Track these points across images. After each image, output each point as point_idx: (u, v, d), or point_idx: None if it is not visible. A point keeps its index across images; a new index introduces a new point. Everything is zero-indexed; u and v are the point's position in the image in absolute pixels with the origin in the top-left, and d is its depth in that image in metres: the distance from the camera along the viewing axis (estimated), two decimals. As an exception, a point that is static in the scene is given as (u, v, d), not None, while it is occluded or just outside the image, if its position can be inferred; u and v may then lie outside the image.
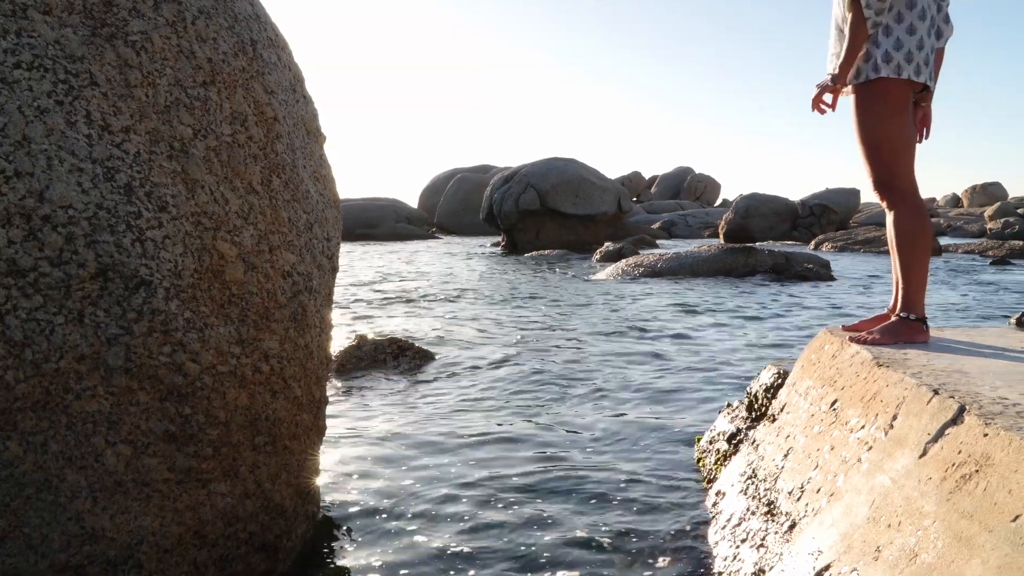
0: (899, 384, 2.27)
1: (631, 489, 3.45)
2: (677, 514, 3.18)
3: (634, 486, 3.49)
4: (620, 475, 3.64)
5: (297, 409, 2.62)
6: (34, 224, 1.97)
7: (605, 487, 3.47)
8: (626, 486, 3.49)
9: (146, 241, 2.12)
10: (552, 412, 4.80)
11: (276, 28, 2.87)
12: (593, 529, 3.02)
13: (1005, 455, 1.64)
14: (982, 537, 1.56)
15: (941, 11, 3.21)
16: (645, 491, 3.43)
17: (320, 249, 2.82)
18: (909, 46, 3.10)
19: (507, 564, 2.75)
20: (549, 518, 3.13)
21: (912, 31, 3.10)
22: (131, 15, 2.23)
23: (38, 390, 2.00)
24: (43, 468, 2.03)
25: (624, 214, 25.31)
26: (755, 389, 3.73)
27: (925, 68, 3.13)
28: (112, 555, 2.15)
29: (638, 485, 3.50)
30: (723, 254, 14.45)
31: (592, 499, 3.33)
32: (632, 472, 3.69)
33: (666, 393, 5.27)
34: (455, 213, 38.11)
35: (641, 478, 3.60)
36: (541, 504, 3.27)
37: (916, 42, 3.10)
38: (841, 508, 2.15)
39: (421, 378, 5.81)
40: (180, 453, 2.23)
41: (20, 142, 1.97)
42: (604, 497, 3.35)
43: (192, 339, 2.21)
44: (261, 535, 2.53)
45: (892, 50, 3.09)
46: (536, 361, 6.47)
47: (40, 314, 1.98)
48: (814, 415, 2.77)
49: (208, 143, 2.34)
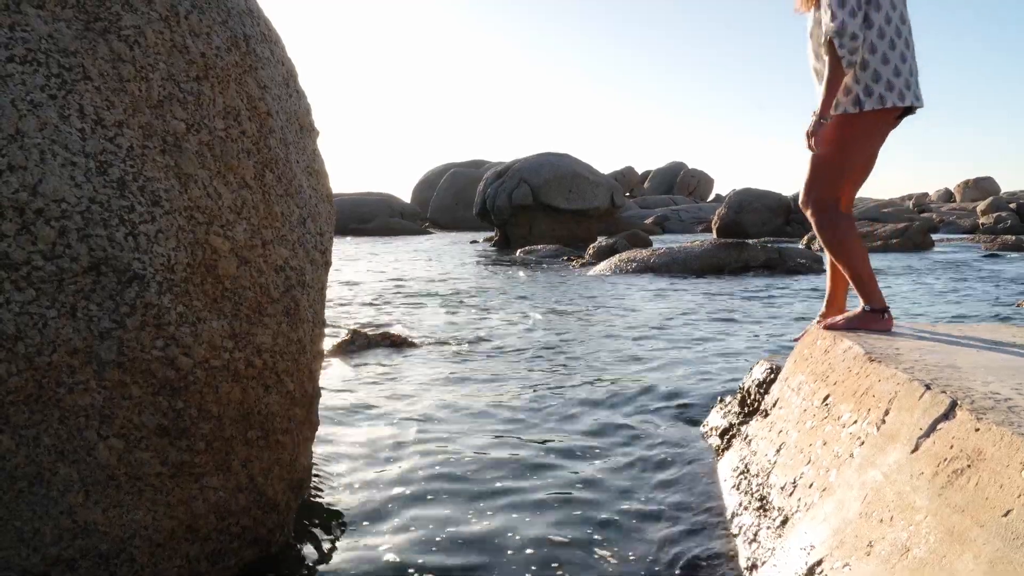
0: (891, 379, 2.28)
1: (623, 483, 3.45)
2: (669, 508, 3.19)
3: (625, 480, 3.49)
4: (613, 469, 3.64)
5: (290, 403, 2.62)
6: (27, 218, 1.96)
7: (597, 480, 3.47)
8: (618, 480, 3.49)
9: (139, 235, 2.12)
10: (543, 406, 4.80)
11: (269, 23, 2.87)
12: (585, 523, 3.02)
13: (997, 450, 1.64)
14: (974, 532, 1.57)
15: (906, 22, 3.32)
16: (636, 485, 3.43)
17: (313, 244, 2.81)
18: (887, 75, 3.23)
19: (498, 556, 2.75)
20: (540, 510, 3.13)
21: (886, 60, 3.23)
22: (124, 9, 2.22)
23: (30, 383, 1.99)
24: (35, 462, 2.03)
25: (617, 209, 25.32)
26: (748, 384, 3.74)
27: (908, 91, 3.28)
28: (104, 549, 2.15)
29: (628, 479, 3.51)
30: (716, 249, 14.47)
31: (584, 493, 3.33)
32: (622, 466, 3.69)
33: (659, 388, 5.28)
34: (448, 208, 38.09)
35: (632, 472, 3.61)
36: (533, 496, 3.28)
37: (892, 70, 3.24)
38: (833, 503, 2.16)
39: (413, 372, 5.81)
40: (173, 447, 2.22)
41: (13, 136, 1.96)
42: (597, 490, 3.35)
43: (185, 333, 2.21)
44: (254, 529, 2.53)
45: (871, 83, 3.23)
46: (528, 355, 6.47)
47: (33, 308, 1.97)
48: (806, 410, 2.78)
49: (201, 137, 2.33)
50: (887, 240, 21.19)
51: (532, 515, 3.10)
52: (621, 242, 17.94)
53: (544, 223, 23.69)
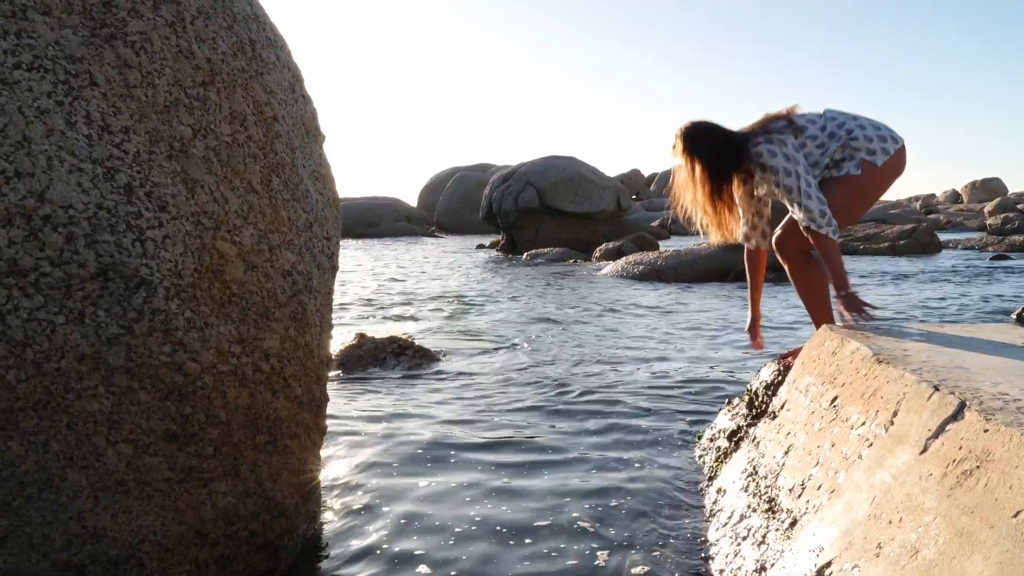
0: (899, 380, 2.27)
1: (632, 487, 3.45)
2: (677, 511, 3.19)
3: (635, 484, 3.49)
4: (620, 473, 3.64)
5: (298, 408, 2.62)
6: (35, 224, 1.97)
7: (605, 485, 3.47)
8: (626, 484, 3.49)
9: (146, 241, 2.12)
10: (550, 410, 4.80)
11: (275, 28, 2.87)
12: (593, 527, 3.02)
13: (1006, 451, 1.64)
14: (983, 533, 1.56)
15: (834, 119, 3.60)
16: (645, 489, 3.43)
17: (320, 248, 2.82)
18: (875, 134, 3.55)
19: (505, 561, 2.75)
20: (547, 516, 3.13)
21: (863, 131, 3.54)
22: (130, 15, 2.23)
23: (39, 390, 2.00)
24: (44, 467, 2.03)
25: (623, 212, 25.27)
26: (755, 386, 3.73)
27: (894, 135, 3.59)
28: (113, 554, 2.15)
29: (638, 483, 3.50)
30: (723, 252, 14.43)
31: (592, 497, 3.33)
32: (633, 470, 3.69)
33: (666, 391, 5.27)
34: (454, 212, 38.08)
35: (641, 476, 3.60)
36: (539, 502, 3.27)
37: (873, 136, 3.54)
38: (842, 505, 2.15)
39: (421, 377, 5.82)
40: (181, 452, 2.23)
41: (20, 142, 1.97)
42: (604, 495, 3.35)
43: (192, 338, 2.21)
44: (262, 534, 2.53)
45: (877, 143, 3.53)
46: (534, 360, 6.47)
47: (41, 314, 1.98)
48: (814, 412, 2.77)
49: (208, 143, 2.33)
50: (894, 242, 21.13)
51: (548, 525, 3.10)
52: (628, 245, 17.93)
53: (550, 226, 23.66)
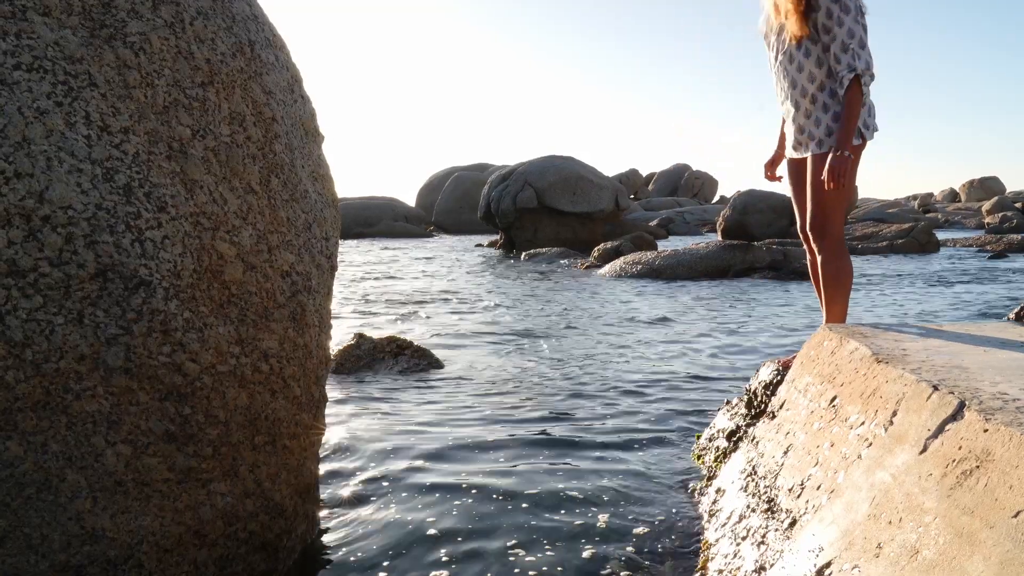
0: (898, 380, 2.27)
1: (630, 487, 3.45)
2: (676, 511, 3.19)
3: (633, 484, 3.49)
4: (619, 473, 3.64)
5: (296, 408, 2.62)
6: (34, 225, 1.97)
7: (603, 485, 3.47)
8: (625, 484, 3.49)
9: (145, 241, 2.12)
10: (548, 410, 4.80)
11: (274, 28, 2.87)
12: (592, 527, 3.02)
13: (1006, 451, 1.64)
14: (983, 533, 1.56)
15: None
16: (644, 489, 3.43)
17: (319, 248, 2.82)
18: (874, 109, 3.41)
19: (502, 560, 2.75)
20: (547, 516, 3.13)
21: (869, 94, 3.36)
22: (129, 16, 2.23)
23: (38, 390, 1.99)
24: (43, 468, 2.03)
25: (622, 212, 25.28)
26: (754, 386, 3.73)
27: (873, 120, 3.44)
28: (112, 555, 2.15)
29: (637, 483, 3.51)
30: (721, 251, 14.45)
31: (591, 497, 3.33)
32: (631, 470, 3.69)
33: (665, 391, 5.28)
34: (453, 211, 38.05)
35: (640, 476, 3.60)
36: (539, 502, 3.27)
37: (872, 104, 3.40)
38: (842, 505, 2.16)
39: (420, 377, 5.81)
40: (180, 453, 2.23)
41: (20, 143, 1.97)
42: (602, 495, 3.35)
43: (191, 339, 2.21)
44: (261, 534, 2.53)
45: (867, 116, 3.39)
46: (533, 360, 6.47)
47: (40, 314, 1.98)
48: (814, 412, 2.77)
49: (207, 143, 2.33)
50: (892, 241, 21.13)
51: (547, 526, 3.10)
52: (626, 244, 17.92)
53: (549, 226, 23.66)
